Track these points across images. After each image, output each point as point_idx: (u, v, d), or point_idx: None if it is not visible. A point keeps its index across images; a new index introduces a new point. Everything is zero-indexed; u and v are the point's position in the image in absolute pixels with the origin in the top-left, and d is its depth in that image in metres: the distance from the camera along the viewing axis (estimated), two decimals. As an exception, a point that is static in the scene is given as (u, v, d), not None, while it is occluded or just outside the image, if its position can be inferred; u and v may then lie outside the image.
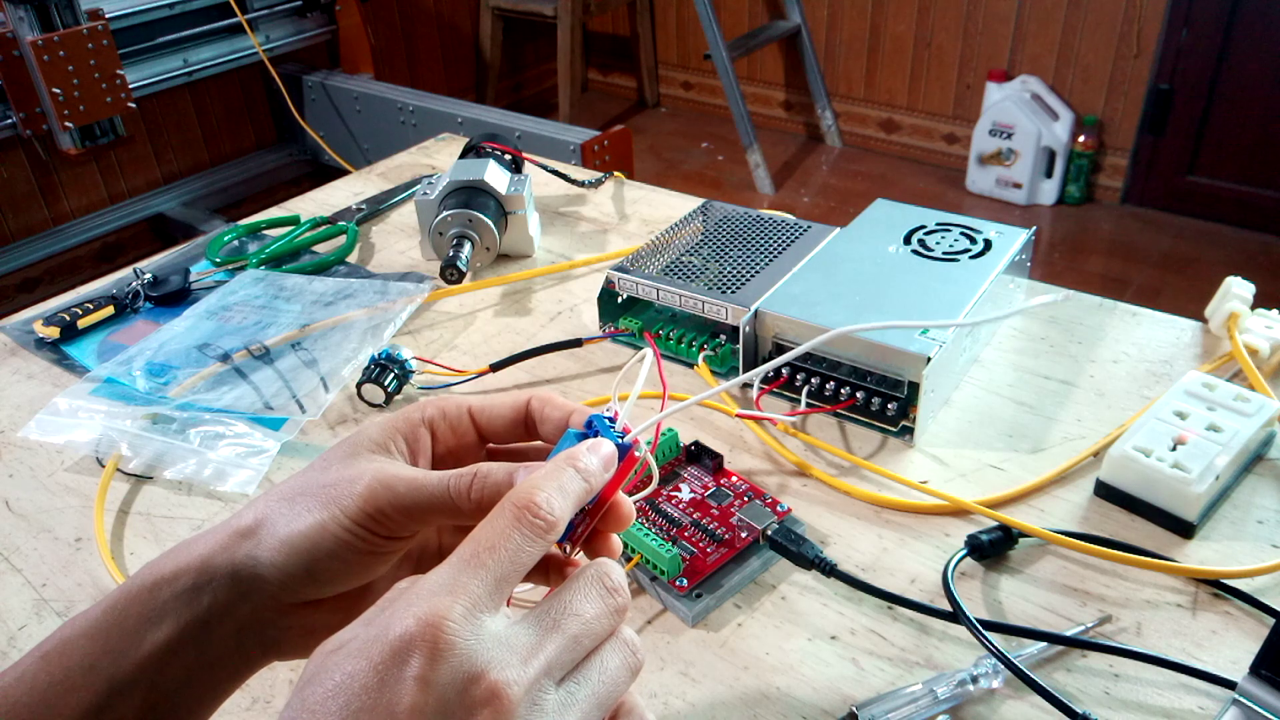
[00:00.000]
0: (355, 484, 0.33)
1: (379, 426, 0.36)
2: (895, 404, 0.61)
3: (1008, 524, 0.53)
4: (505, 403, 0.37)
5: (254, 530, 0.33)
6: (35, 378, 0.75)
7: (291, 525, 0.33)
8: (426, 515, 0.33)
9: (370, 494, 0.32)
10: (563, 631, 0.29)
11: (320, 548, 0.32)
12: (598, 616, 0.30)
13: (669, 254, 0.74)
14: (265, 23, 2.39)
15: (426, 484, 0.33)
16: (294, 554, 0.32)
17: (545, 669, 0.28)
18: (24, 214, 2.24)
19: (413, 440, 0.36)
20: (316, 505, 0.33)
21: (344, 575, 0.33)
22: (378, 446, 0.35)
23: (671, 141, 3.29)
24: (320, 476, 0.34)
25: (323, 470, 0.34)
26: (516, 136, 2.08)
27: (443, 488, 0.33)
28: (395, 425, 0.36)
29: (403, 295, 0.79)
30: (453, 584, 0.27)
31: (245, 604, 0.33)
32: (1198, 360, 0.68)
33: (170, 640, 0.32)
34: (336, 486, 0.33)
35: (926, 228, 0.73)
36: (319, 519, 0.32)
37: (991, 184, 2.74)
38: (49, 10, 1.84)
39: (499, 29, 3.20)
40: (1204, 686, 0.45)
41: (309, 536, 0.32)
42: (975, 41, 2.75)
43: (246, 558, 0.33)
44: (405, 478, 0.33)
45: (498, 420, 0.37)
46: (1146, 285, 2.35)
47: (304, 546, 0.32)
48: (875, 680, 0.47)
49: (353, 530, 0.32)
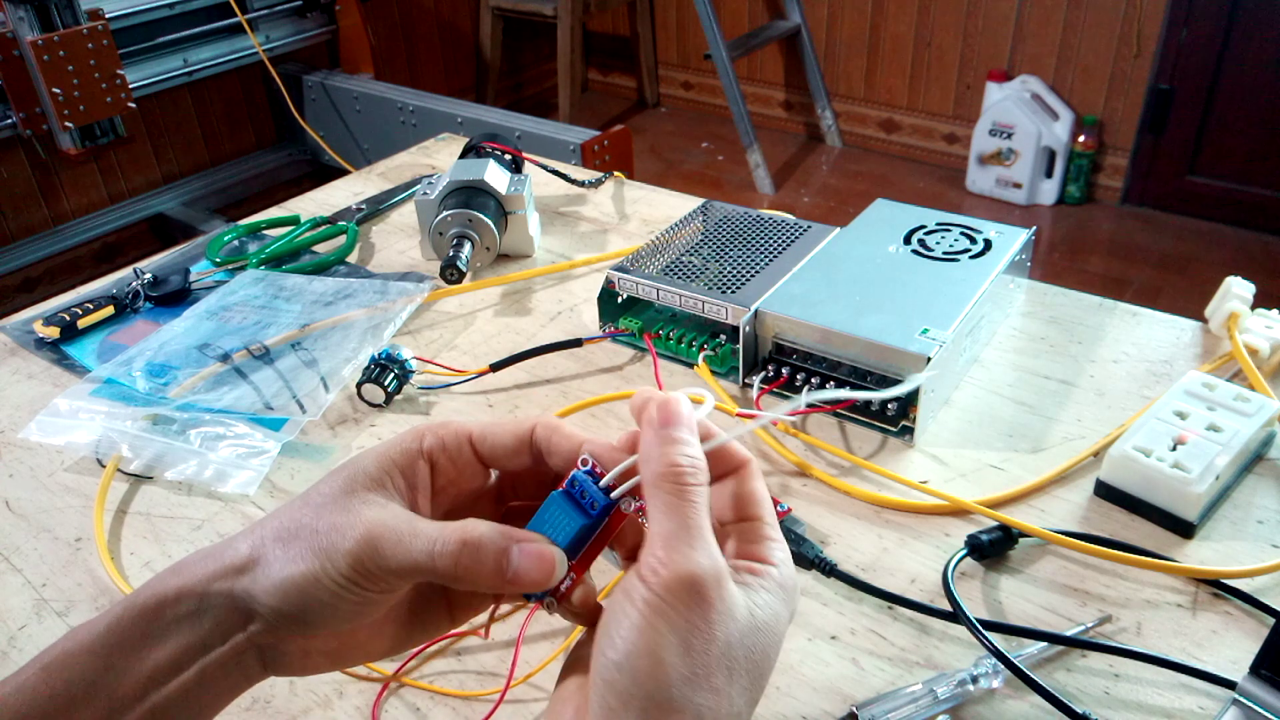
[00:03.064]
0: (345, 537, 0.32)
1: (376, 460, 0.35)
2: (895, 404, 0.61)
3: (1008, 524, 0.53)
4: (508, 430, 0.36)
5: (249, 567, 0.33)
6: (35, 378, 0.75)
7: (285, 570, 0.32)
8: (413, 577, 0.33)
9: (358, 552, 0.32)
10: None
11: (313, 596, 0.32)
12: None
13: (669, 254, 0.74)
14: (265, 23, 2.39)
15: (412, 550, 0.32)
16: (287, 599, 0.32)
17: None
18: (24, 214, 2.24)
19: (411, 475, 0.35)
20: (309, 553, 0.32)
21: (339, 619, 0.33)
22: (374, 483, 0.34)
23: (671, 141, 3.29)
24: (314, 518, 0.33)
25: (317, 509, 0.33)
26: (516, 136, 2.08)
27: (427, 556, 0.32)
28: (393, 459, 0.35)
29: (403, 295, 0.79)
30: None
31: (244, 630, 0.33)
32: (1198, 360, 0.68)
33: (172, 659, 0.32)
34: (329, 535, 0.32)
35: (926, 228, 0.73)
36: (311, 569, 0.32)
37: (991, 184, 2.74)
38: (49, 10, 1.84)
39: (499, 29, 3.20)
40: (1204, 686, 0.45)
41: (301, 586, 0.32)
42: (975, 41, 2.75)
43: (244, 592, 0.32)
44: (391, 539, 0.32)
45: (500, 449, 0.36)
46: (1146, 285, 2.35)
47: (296, 594, 0.32)
48: (875, 680, 0.47)
49: (344, 585, 0.32)
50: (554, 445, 0.35)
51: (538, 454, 0.36)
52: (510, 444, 0.36)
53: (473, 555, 0.32)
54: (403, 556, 0.32)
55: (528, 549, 0.32)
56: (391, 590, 0.33)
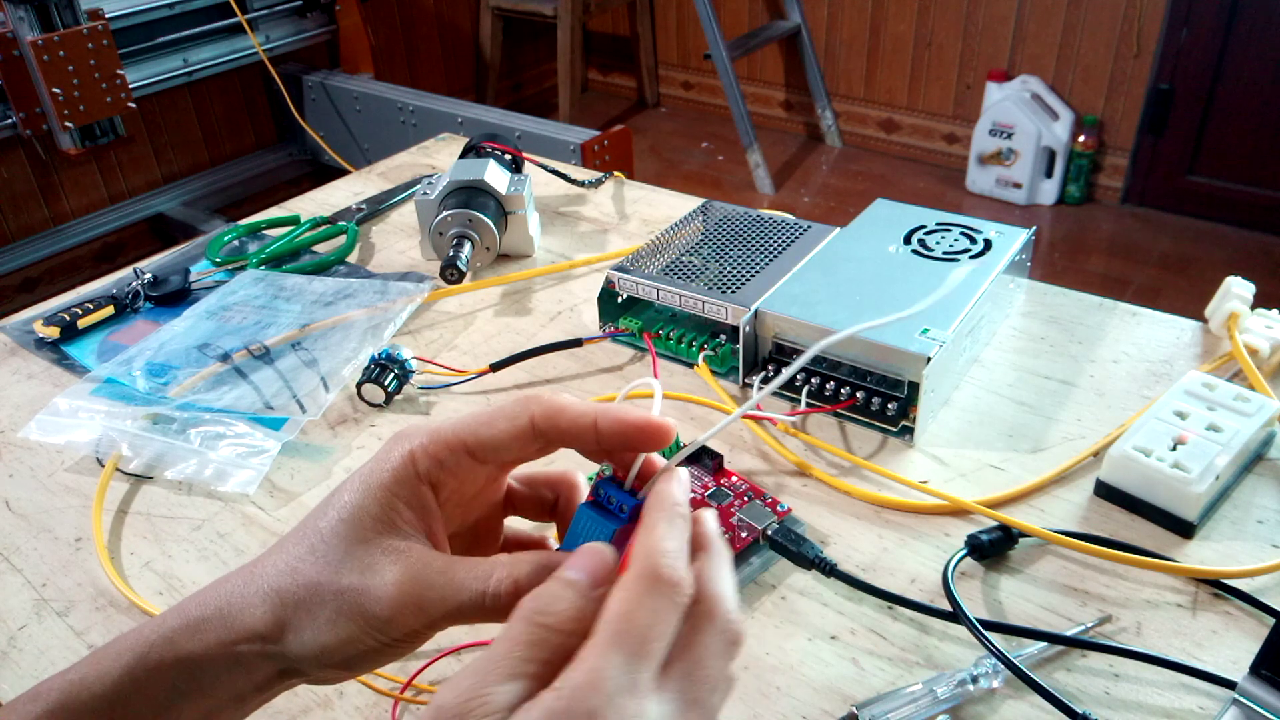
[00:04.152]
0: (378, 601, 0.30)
1: (375, 499, 0.32)
2: (895, 404, 0.61)
3: (1008, 524, 0.53)
4: (501, 428, 0.33)
5: (276, 636, 0.31)
6: (35, 378, 0.75)
7: (320, 638, 0.31)
8: (464, 623, 0.31)
9: (398, 616, 0.30)
10: (702, 706, 0.28)
11: (356, 653, 0.31)
12: (724, 672, 0.29)
13: (669, 254, 0.74)
14: (265, 23, 2.39)
15: (460, 599, 0.30)
16: (330, 657, 0.31)
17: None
18: (24, 214, 2.24)
19: (417, 504, 0.32)
20: (339, 619, 0.30)
21: (386, 660, 0.32)
22: (383, 526, 0.31)
23: (671, 141, 3.29)
24: (331, 576, 0.31)
25: (330, 566, 0.31)
26: (516, 136, 2.08)
27: (477, 603, 0.30)
28: (394, 493, 0.32)
29: (403, 295, 0.79)
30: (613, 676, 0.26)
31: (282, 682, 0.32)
32: (1198, 360, 0.68)
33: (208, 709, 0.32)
34: (356, 598, 0.30)
35: (926, 228, 0.73)
36: (349, 635, 0.30)
37: (991, 184, 2.74)
38: (49, 10, 1.84)
39: (499, 29, 3.20)
40: (1204, 686, 0.45)
41: (342, 649, 0.31)
42: (975, 41, 2.75)
43: (278, 654, 0.31)
44: (434, 596, 0.30)
45: (502, 450, 0.33)
46: (1146, 285, 2.35)
47: (338, 654, 0.31)
48: (875, 680, 0.47)
49: (390, 643, 0.31)
50: (564, 429, 0.32)
51: (542, 440, 0.33)
52: (509, 441, 0.33)
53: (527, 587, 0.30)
54: (451, 608, 0.31)
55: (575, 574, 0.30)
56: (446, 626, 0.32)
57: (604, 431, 0.32)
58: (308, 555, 0.32)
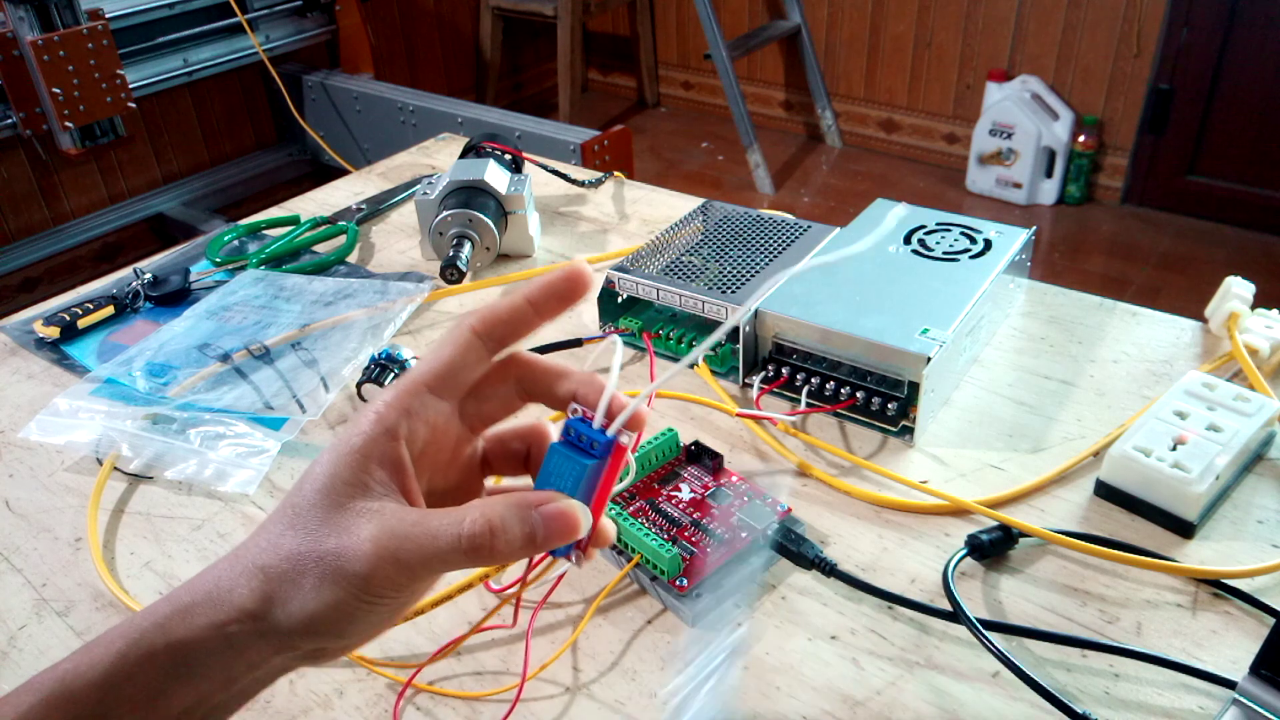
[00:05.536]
0: (356, 560, 0.31)
1: (347, 464, 0.32)
2: (895, 404, 0.61)
3: (1008, 524, 0.53)
4: (448, 351, 0.35)
5: (264, 612, 0.32)
6: (35, 378, 0.75)
7: (307, 607, 0.31)
8: (445, 570, 0.32)
9: (376, 572, 0.31)
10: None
11: (346, 617, 0.32)
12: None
13: (669, 254, 0.74)
14: (265, 23, 2.39)
15: (437, 548, 0.31)
16: (320, 625, 0.32)
17: None
18: (24, 214, 2.24)
19: (389, 463, 0.33)
20: (322, 584, 0.31)
21: (377, 625, 0.33)
22: (357, 490, 0.32)
23: (671, 141, 3.29)
24: (311, 544, 0.32)
25: (308, 534, 0.32)
26: (516, 136, 2.08)
27: (455, 549, 0.31)
28: (366, 455, 0.33)
29: (403, 295, 0.79)
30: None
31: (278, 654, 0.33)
32: (1198, 360, 0.68)
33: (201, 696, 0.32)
34: (335, 562, 0.31)
35: (926, 228, 0.73)
36: (334, 599, 0.31)
37: (991, 184, 2.74)
38: (49, 10, 1.84)
39: (499, 29, 3.20)
40: (1204, 686, 0.45)
41: (330, 615, 0.31)
42: (975, 41, 2.75)
43: (270, 630, 0.32)
44: (410, 548, 0.31)
45: (457, 372, 0.35)
46: (1146, 285, 2.35)
47: (327, 621, 0.31)
48: (875, 680, 0.47)
49: (375, 600, 0.32)
50: (504, 323, 0.35)
51: (490, 343, 0.35)
52: (461, 361, 0.35)
53: (502, 536, 0.31)
54: (429, 557, 0.31)
55: (549, 511, 0.32)
56: (430, 580, 0.33)
57: (536, 300, 0.35)
58: (288, 530, 0.32)
